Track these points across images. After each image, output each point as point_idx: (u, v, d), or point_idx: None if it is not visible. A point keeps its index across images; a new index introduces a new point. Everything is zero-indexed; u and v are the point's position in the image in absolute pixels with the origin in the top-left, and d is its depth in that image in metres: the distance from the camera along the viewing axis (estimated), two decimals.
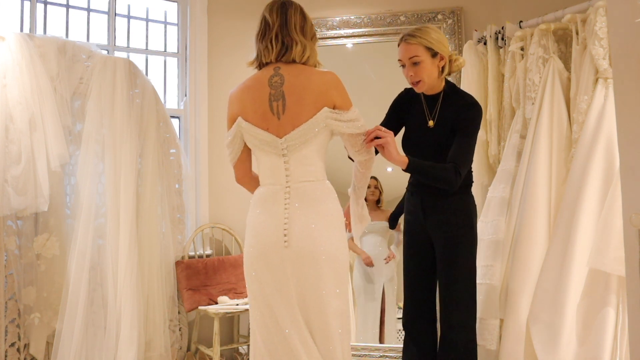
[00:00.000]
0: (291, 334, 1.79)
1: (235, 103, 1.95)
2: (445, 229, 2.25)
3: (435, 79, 2.23)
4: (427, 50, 2.17)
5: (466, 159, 2.17)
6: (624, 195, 1.45)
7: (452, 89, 2.30)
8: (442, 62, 2.21)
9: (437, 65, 2.21)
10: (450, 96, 2.27)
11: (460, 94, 2.29)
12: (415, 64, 2.18)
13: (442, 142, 2.21)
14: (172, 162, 3.35)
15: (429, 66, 2.18)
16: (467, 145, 2.17)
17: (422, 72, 2.19)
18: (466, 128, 2.17)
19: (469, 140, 2.18)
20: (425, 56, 2.17)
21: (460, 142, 2.16)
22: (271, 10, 1.92)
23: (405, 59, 2.20)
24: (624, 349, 2.28)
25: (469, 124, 2.18)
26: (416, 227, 2.36)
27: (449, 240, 2.25)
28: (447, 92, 2.27)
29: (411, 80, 2.23)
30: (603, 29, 2.53)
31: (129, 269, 2.94)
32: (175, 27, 3.77)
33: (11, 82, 2.76)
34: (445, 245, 2.26)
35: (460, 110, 2.20)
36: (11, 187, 2.70)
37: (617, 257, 2.24)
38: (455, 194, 2.26)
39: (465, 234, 2.26)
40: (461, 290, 2.24)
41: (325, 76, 1.89)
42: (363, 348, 3.42)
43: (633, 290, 1.41)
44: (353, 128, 1.88)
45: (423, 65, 2.18)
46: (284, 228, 1.84)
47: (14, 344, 2.80)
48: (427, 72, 2.19)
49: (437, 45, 2.18)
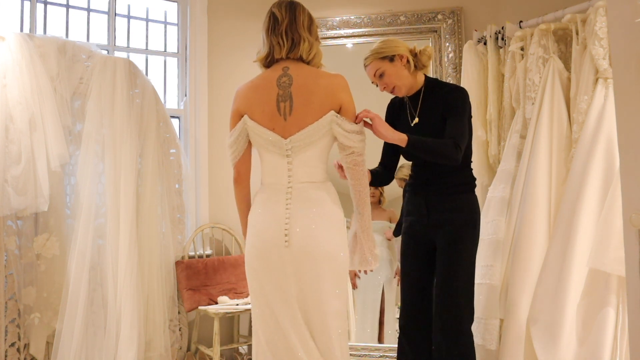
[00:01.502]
0: (290, 333, 1.80)
1: (242, 100, 1.94)
2: (449, 227, 2.24)
3: (408, 77, 2.30)
4: (383, 59, 2.27)
5: (462, 134, 2.17)
6: (624, 195, 1.45)
7: (433, 82, 2.36)
8: (403, 61, 2.27)
9: (401, 65, 2.27)
10: (431, 89, 2.32)
11: (441, 84, 2.35)
12: (381, 76, 2.29)
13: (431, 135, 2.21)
14: (172, 162, 3.35)
15: (392, 70, 2.27)
16: (459, 123, 2.18)
17: (390, 78, 2.28)
18: (455, 109, 2.20)
19: (461, 120, 2.19)
20: (384, 65, 2.27)
21: (452, 122, 2.18)
22: (280, 6, 1.94)
23: (373, 78, 2.33)
24: (624, 349, 2.28)
25: (457, 105, 2.21)
26: (418, 227, 2.35)
27: (451, 238, 2.24)
28: (428, 86, 2.33)
29: (388, 91, 2.33)
30: (603, 29, 2.53)
31: (129, 269, 2.94)
32: (175, 27, 3.77)
33: (11, 82, 2.76)
34: (447, 244, 2.25)
35: (444, 97, 2.24)
36: (11, 187, 2.70)
37: (617, 257, 2.24)
38: (461, 193, 2.27)
39: (468, 232, 2.25)
40: (459, 290, 2.22)
41: (335, 79, 1.91)
42: (363, 348, 3.42)
43: (633, 290, 1.41)
44: (351, 140, 1.88)
45: (388, 73, 2.27)
46: (284, 228, 1.84)
47: (14, 344, 2.80)
48: (394, 76, 2.28)
49: (388, 50, 2.26)
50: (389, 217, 3.67)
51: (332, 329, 1.83)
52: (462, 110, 2.22)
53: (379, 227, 3.56)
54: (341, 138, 1.88)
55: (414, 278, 2.36)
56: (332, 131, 1.89)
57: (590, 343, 2.32)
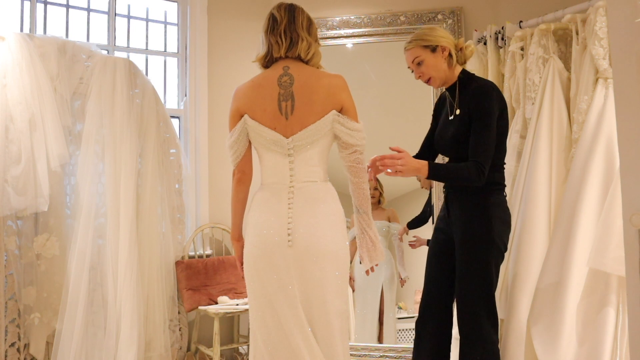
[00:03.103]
0: (293, 333, 1.79)
1: (242, 99, 1.94)
2: (463, 227, 2.20)
3: (445, 70, 2.26)
4: (425, 48, 2.23)
5: (485, 150, 2.11)
6: (624, 195, 1.45)
7: (467, 75, 2.30)
8: (445, 53, 2.24)
9: (442, 58, 2.24)
10: (465, 83, 2.27)
11: (474, 79, 2.27)
12: (419, 64, 2.25)
13: (461, 132, 2.18)
14: (172, 162, 3.35)
15: (432, 61, 2.24)
16: (483, 135, 2.11)
17: (427, 69, 2.25)
18: (479, 118, 2.13)
19: (486, 130, 2.12)
20: (425, 54, 2.23)
21: (476, 134, 2.13)
22: (279, 8, 1.97)
23: (411, 64, 2.29)
24: (624, 349, 2.28)
25: (482, 111, 2.13)
26: (441, 224, 2.36)
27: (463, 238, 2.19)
28: (462, 80, 2.28)
29: (423, 80, 2.29)
30: (603, 29, 2.53)
31: (129, 269, 2.94)
32: (175, 27, 3.77)
33: (11, 82, 2.76)
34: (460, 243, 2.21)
35: (471, 97, 2.19)
36: (11, 187, 2.70)
37: (617, 257, 2.23)
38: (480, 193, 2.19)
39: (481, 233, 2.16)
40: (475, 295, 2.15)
41: (335, 79, 1.92)
42: (363, 348, 3.42)
43: (633, 290, 1.41)
44: (354, 138, 1.90)
45: (426, 63, 2.24)
46: (287, 227, 1.85)
47: (14, 344, 2.80)
48: (432, 67, 2.24)
49: (433, 40, 2.22)
50: (388, 217, 3.67)
51: (335, 328, 1.83)
52: (487, 116, 2.12)
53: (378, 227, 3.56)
54: (345, 137, 1.89)
55: (435, 275, 2.34)
56: (334, 130, 1.89)
57: (590, 343, 2.32)
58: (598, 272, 2.34)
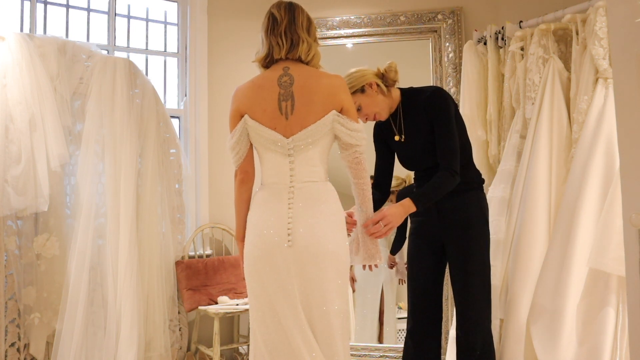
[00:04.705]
0: (294, 334, 1.79)
1: (242, 99, 1.94)
2: (461, 226, 2.22)
3: (384, 101, 2.24)
4: (355, 93, 2.19)
5: (453, 149, 2.14)
6: (624, 195, 1.45)
7: (408, 92, 2.29)
8: (373, 87, 2.21)
9: (374, 92, 2.21)
10: (408, 101, 2.27)
11: (417, 92, 2.28)
12: (358, 110, 2.21)
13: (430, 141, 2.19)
14: (172, 162, 3.35)
15: (367, 100, 2.21)
16: (449, 134, 2.14)
17: (367, 109, 2.22)
18: (439, 117, 2.16)
19: (448, 127, 2.15)
20: (358, 98, 2.20)
21: (440, 136, 2.15)
22: (279, 7, 1.95)
23: None
24: (624, 349, 2.27)
25: (441, 110, 2.16)
26: (427, 228, 2.32)
27: (463, 237, 2.22)
28: (404, 101, 2.28)
29: (370, 120, 2.28)
30: (603, 29, 2.53)
31: (129, 269, 2.94)
32: (175, 27, 3.77)
33: (11, 82, 2.76)
34: (460, 242, 2.23)
35: (424, 105, 2.20)
36: (11, 187, 2.70)
37: (617, 257, 2.23)
38: (468, 191, 2.24)
39: (480, 230, 2.24)
40: (476, 288, 2.20)
41: (335, 79, 1.92)
42: (363, 348, 3.42)
43: (633, 290, 1.41)
44: (354, 139, 1.90)
45: (364, 104, 2.21)
46: (288, 227, 1.84)
47: (14, 344, 2.80)
48: (371, 105, 2.22)
49: (356, 83, 2.19)
50: None
51: (336, 328, 1.83)
52: (447, 113, 2.16)
53: None
54: (345, 137, 1.89)
55: (422, 281, 2.33)
56: (334, 130, 1.90)
57: (590, 343, 2.32)
58: (598, 272, 2.34)
